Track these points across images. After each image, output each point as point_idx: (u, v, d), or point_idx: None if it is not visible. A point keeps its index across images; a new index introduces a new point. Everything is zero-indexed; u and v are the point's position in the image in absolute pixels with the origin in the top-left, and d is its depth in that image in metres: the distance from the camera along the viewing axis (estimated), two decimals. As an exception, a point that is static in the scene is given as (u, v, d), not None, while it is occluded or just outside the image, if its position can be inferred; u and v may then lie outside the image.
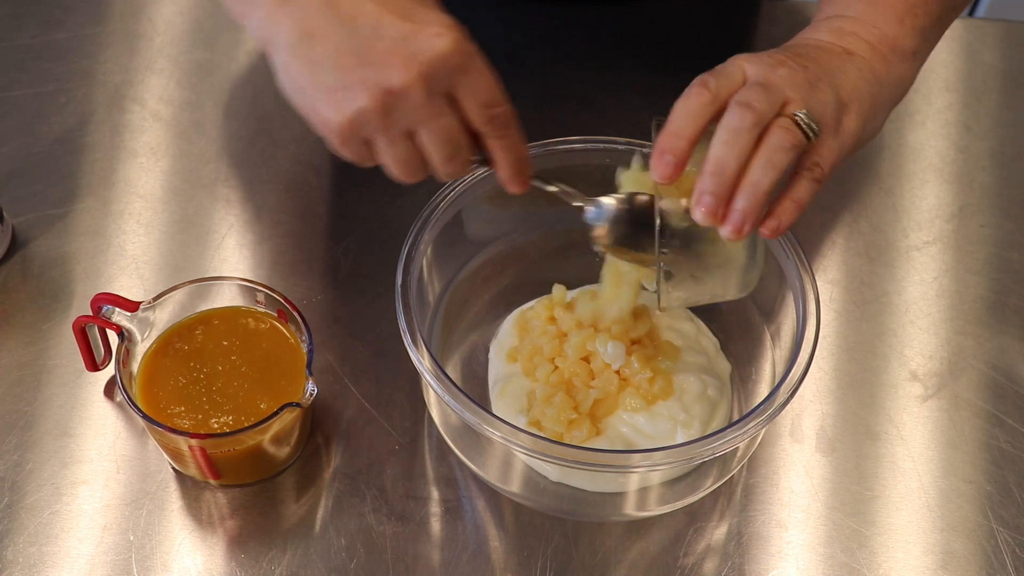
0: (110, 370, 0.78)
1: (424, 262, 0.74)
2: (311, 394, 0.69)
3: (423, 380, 0.69)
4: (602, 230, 0.67)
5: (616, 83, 0.97)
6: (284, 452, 0.74)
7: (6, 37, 0.98)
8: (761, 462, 0.77)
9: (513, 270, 0.83)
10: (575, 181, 0.69)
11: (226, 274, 0.84)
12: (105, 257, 0.85)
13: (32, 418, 0.77)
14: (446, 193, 0.75)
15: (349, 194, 0.89)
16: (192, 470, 0.73)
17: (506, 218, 0.82)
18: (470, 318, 0.82)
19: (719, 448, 0.65)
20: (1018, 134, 0.95)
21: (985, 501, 0.76)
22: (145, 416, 0.69)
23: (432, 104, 0.59)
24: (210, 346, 0.73)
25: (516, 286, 0.83)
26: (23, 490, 0.74)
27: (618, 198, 0.68)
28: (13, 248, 0.85)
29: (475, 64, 0.60)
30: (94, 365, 0.76)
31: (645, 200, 0.67)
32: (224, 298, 0.75)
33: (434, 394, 0.69)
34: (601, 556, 0.73)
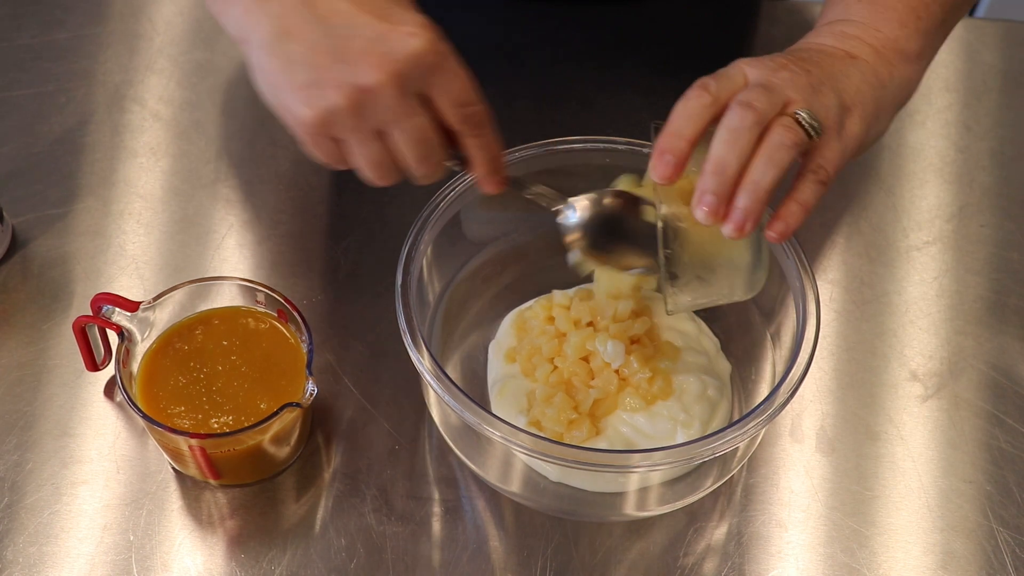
0: (110, 370, 0.78)
1: (424, 262, 0.74)
2: (311, 394, 0.69)
3: (423, 380, 0.69)
4: (575, 235, 0.67)
5: (616, 83, 0.97)
6: (284, 452, 0.74)
7: (6, 37, 0.98)
8: (761, 462, 0.77)
9: (513, 270, 0.83)
10: (575, 181, 0.68)
11: (226, 274, 0.84)
12: (105, 257, 0.85)
13: (32, 418, 0.77)
14: (446, 193, 0.74)
15: (349, 194, 0.89)
16: (192, 470, 0.73)
17: (506, 218, 0.82)
18: (470, 318, 0.82)
19: (719, 448, 0.65)
20: (1018, 134, 0.95)
21: (985, 501, 0.76)
22: (145, 416, 0.69)
23: (405, 103, 0.60)
24: (210, 346, 0.73)
25: (516, 286, 0.82)
26: (23, 490, 0.74)
27: (591, 197, 0.67)
28: (13, 248, 0.85)
29: (449, 64, 0.60)
30: (94, 365, 0.76)
31: (621, 200, 0.67)
32: (224, 298, 0.75)
33: (434, 394, 0.69)
34: (601, 556, 0.73)
